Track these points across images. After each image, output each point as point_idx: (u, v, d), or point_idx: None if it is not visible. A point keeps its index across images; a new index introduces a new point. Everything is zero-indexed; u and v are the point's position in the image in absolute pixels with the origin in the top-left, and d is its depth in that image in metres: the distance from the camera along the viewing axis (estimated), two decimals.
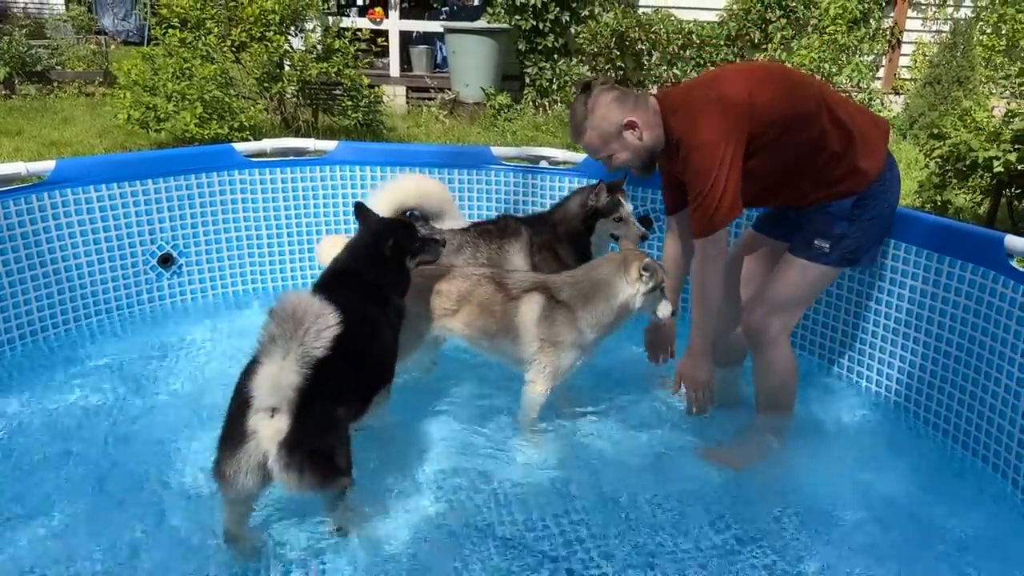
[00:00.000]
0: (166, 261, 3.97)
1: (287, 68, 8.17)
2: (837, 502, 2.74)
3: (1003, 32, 10.11)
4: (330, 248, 3.21)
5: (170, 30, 7.61)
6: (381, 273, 2.75)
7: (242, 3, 7.87)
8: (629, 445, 3.03)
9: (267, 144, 4.23)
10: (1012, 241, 2.81)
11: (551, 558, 2.42)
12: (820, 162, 2.71)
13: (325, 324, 2.07)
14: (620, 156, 2.80)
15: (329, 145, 4.36)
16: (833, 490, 2.81)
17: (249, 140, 7.10)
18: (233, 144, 4.14)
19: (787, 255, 2.88)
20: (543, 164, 4.23)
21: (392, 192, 3.58)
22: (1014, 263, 2.80)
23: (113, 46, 12.54)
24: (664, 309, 2.92)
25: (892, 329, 3.28)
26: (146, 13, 13.05)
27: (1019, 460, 2.74)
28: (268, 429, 2.12)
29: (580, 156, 4.11)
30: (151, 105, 7.18)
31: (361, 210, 2.90)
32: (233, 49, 8.01)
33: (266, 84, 8.01)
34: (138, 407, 3.16)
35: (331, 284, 2.70)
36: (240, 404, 2.18)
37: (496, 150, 4.25)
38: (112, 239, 3.80)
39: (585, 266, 3.09)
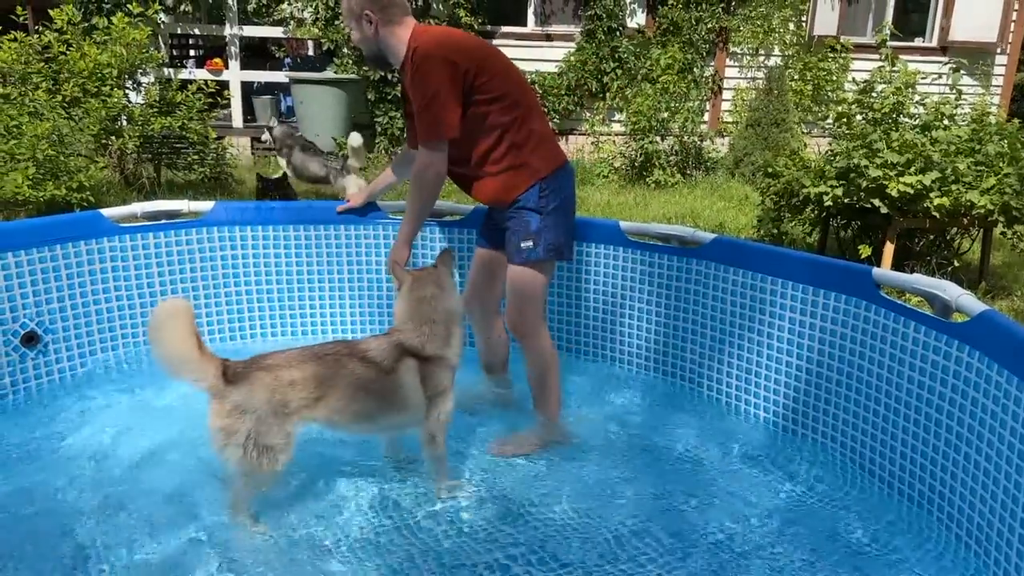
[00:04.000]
0: (30, 340, 3.62)
1: (125, 123, 7.73)
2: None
3: (808, 78, 11.28)
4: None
5: None
6: None
7: (72, 57, 7.39)
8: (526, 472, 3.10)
9: (137, 208, 3.99)
10: (878, 273, 3.14)
11: None
12: (500, 149, 3.17)
13: None
14: (354, 35, 3.22)
15: (204, 206, 4.18)
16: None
17: (91, 201, 6.67)
18: (101, 210, 3.87)
19: (509, 265, 3.30)
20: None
21: None
22: (882, 292, 3.14)
23: None
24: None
25: (775, 359, 3.55)
26: None
27: (912, 476, 3.03)
28: None
29: (468, 207, 4.17)
30: None
31: None
32: (64, 105, 7.48)
33: (104, 141, 7.54)
34: (19, 496, 2.87)
35: None
36: None
37: (382, 204, 4.22)
38: None
39: (424, 310, 2.96)
